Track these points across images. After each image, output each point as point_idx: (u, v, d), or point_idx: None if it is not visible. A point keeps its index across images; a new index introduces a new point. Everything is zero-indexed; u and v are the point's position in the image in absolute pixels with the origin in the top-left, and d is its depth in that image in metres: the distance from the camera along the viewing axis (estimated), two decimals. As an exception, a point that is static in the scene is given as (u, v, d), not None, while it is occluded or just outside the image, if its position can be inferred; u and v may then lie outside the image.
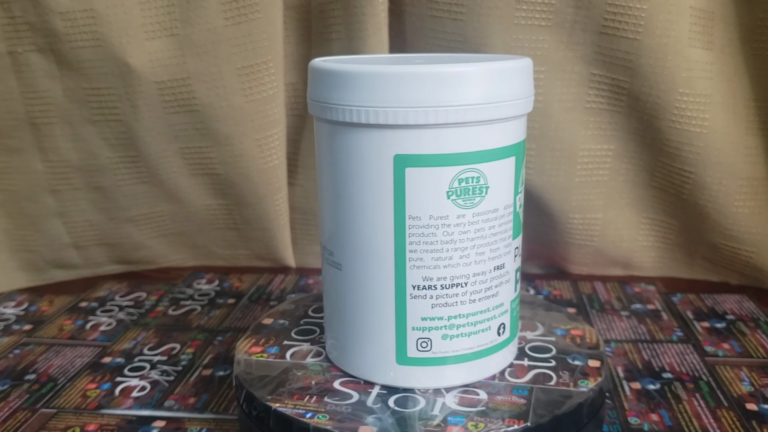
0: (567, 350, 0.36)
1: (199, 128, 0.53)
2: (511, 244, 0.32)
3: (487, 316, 0.32)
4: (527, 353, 0.35)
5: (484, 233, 0.31)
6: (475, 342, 0.32)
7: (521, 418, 0.30)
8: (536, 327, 0.38)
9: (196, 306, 0.52)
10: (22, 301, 0.54)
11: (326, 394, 0.32)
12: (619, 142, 0.52)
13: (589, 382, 0.32)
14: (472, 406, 0.31)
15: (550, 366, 0.34)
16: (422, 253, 0.30)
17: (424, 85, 0.28)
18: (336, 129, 0.31)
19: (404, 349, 0.32)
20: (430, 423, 0.30)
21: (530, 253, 0.58)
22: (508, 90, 0.30)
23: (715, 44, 0.48)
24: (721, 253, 0.53)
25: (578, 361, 0.34)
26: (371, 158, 0.30)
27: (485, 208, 0.31)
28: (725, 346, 0.45)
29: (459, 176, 0.30)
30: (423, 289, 0.31)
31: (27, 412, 0.39)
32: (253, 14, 0.49)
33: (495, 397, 0.32)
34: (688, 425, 0.36)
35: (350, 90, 0.29)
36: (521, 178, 0.33)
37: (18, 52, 0.50)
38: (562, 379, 0.33)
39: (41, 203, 0.55)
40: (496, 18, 0.49)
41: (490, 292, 0.32)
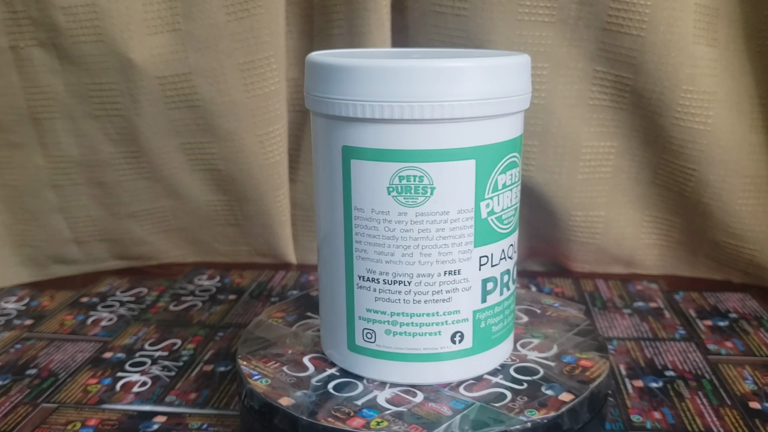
0: (552, 378, 0.33)
1: (201, 124, 0.53)
2: (473, 252, 0.31)
3: (436, 320, 0.32)
4: (512, 373, 0.33)
5: (430, 234, 0.30)
6: (420, 344, 0.32)
7: (429, 428, 0.29)
8: (551, 348, 0.36)
9: (197, 302, 0.52)
10: (24, 296, 0.54)
11: (290, 364, 0.35)
12: (622, 139, 0.52)
13: (536, 413, 0.30)
14: (396, 405, 0.31)
15: (517, 388, 0.32)
16: (366, 245, 0.31)
17: (370, 80, 0.29)
18: (311, 117, 0.33)
19: (353, 337, 0.33)
20: (343, 410, 0.30)
21: (532, 250, 0.58)
22: (462, 90, 0.28)
23: (719, 41, 0.48)
24: (724, 251, 0.53)
25: (551, 392, 0.32)
26: (327, 148, 0.31)
27: (431, 209, 0.30)
28: (728, 344, 0.44)
29: (399, 173, 0.30)
30: (367, 281, 0.32)
31: (28, 407, 0.39)
32: (255, 9, 0.49)
33: (427, 403, 0.31)
34: (691, 423, 0.36)
35: (312, 81, 0.31)
36: (493, 183, 0.31)
37: (20, 47, 0.50)
38: (513, 403, 0.31)
39: (42, 198, 0.55)
40: (499, 14, 0.48)
41: (440, 296, 0.31)
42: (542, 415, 0.30)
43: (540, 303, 0.41)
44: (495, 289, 0.32)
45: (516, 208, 0.33)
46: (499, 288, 0.33)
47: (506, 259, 0.33)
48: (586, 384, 0.32)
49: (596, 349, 0.36)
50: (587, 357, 0.35)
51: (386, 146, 0.29)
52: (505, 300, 0.34)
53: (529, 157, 0.53)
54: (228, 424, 0.37)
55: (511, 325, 0.35)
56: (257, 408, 0.32)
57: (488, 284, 0.32)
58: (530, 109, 0.51)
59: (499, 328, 0.33)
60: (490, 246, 0.31)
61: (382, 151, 0.29)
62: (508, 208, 0.32)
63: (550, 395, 0.31)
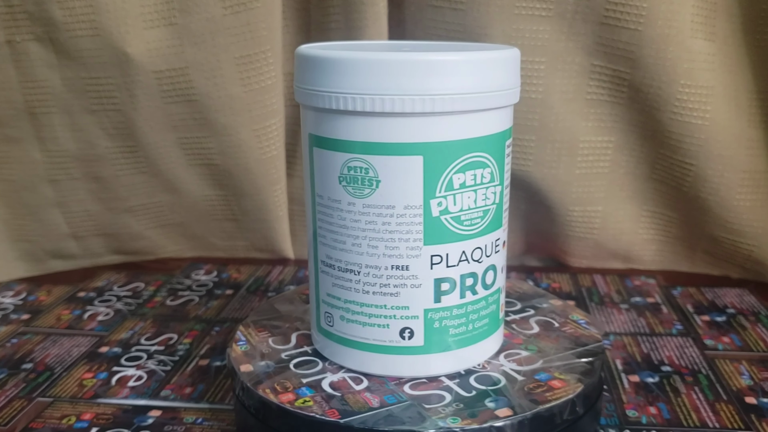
0: (505, 392, 0.32)
1: (197, 118, 0.52)
2: (422, 249, 0.31)
3: (384, 312, 0.32)
4: (471, 380, 0.33)
5: (377, 227, 0.31)
6: (369, 334, 0.32)
7: (344, 416, 0.30)
8: (534, 362, 0.34)
9: (193, 297, 0.52)
10: (21, 291, 0.54)
11: (278, 337, 0.37)
12: (619, 134, 0.52)
13: (459, 421, 0.29)
14: (335, 389, 0.32)
15: (462, 395, 0.31)
16: (325, 231, 0.32)
17: (324, 71, 0.29)
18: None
19: (319, 319, 0.35)
20: (285, 384, 0.32)
21: (530, 245, 0.58)
22: (409, 85, 0.28)
23: (717, 35, 0.48)
24: (722, 247, 0.53)
25: (492, 405, 0.30)
26: (302, 136, 0.33)
27: (377, 202, 0.30)
28: (725, 339, 0.44)
29: (348, 164, 0.30)
30: (326, 267, 0.33)
31: (23, 401, 0.39)
32: (251, 3, 0.49)
33: (363, 392, 0.32)
34: (687, 419, 0.36)
35: (295, 71, 0.32)
36: (447, 182, 0.30)
37: (16, 41, 0.50)
38: (446, 408, 0.30)
39: (40, 193, 0.55)
40: (496, 8, 0.48)
41: (387, 289, 0.32)
42: (463, 425, 0.29)
43: (566, 317, 0.39)
44: (452, 291, 0.32)
45: (488, 210, 0.32)
46: (460, 290, 0.32)
47: (470, 262, 0.32)
48: (536, 404, 0.30)
49: (582, 372, 0.33)
50: (563, 378, 0.33)
51: (338, 136, 0.30)
52: (471, 304, 0.33)
53: (526, 152, 0.53)
54: (222, 419, 0.37)
55: (488, 331, 0.34)
56: (227, 371, 0.35)
57: (443, 285, 0.32)
58: (527, 104, 0.51)
59: (460, 331, 0.33)
60: (444, 246, 0.31)
61: (334, 140, 0.30)
62: (470, 209, 0.31)
63: (487, 408, 0.30)
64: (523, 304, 0.41)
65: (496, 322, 0.35)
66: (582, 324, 0.38)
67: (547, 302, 0.41)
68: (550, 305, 0.41)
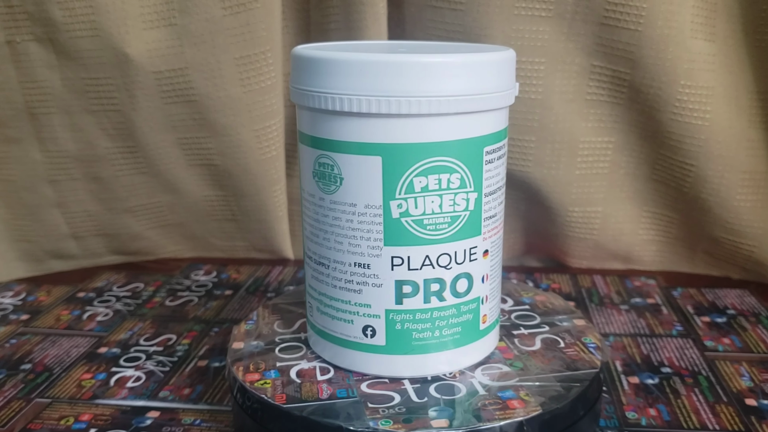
0: (454, 404, 0.31)
1: (197, 119, 0.52)
2: (383, 250, 0.31)
3: (348, 308, 0.33)
4: (431, 388, 0.32)
5: (341, 224, 0.32)
6: (337, 328, 0.33)
7: (289, 402, 0.31)
8: (508, 379, 0.33)
9: (193, 297, 0.52)
10: (20, 291, 0.54)
11: (284, 321, 0.39)
12: (619, 134, 0.52)
13: (390, 425, 0.29)
14: (299, 376, 0.34)
15: (412, 400, 0.31)
16: (306, 224, 0.34)
17: (303, 70, 0.31)
18: None
19: (307, 309, 0.36)
20: (259, 365, 0.34)
21: (529, 246, 0.58)
22: (369, 85, 0.29)
23: (717, 36, 0.48)
24: (722, 248, 0.53)
25: (433, 414, 0.30)
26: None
27: (341, 199, 0.31)
28: (725, 341, 0.44)
29: (318, 160, 0.31)
30: (308, 258, 0.34)
31: (22, 402, 0.39)
32: (251, 4, 0.49)
33: (320, 383, 0.33)
34: (687, 420, 0.36)
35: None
36: (407, 184, 0.30)
37: (16, 42, 0.50)
38: (386, 410, 0.30)
39: (40, 193, 0.55)
40: (496, 8, 0.48)
41: (351, 286, 0.32)
42: (392, 428, 0.29)
43: (578, 339, 0.37)
44: (415, 294, 0.32)
45: (458, 216, 0.31)
46: (424, 295, 0.32)
47: (435, 267, 0.32)
48: (477, 420, 0.29)
49: (550, 397, 0.31)
50: (526, 399, 0.31)
51: (311, 133, 0.31)
52: (437, 310, 0.32)
53: (526, 152, 0.53)
54: (221, 420, 0.37)
55: (460, 341, 0.33)
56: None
57: (404, 287, 0.32)
58: (527, 105, 0.51)
59: (424, 336, 0.32)
60: (406, 248, 0.31)
61: (309, 137, 0.32)
62: (434, 213, 0.31)
63: (426, 416, 0.30)
64: (542, 320, 0.39)
65: (473, 333, 0.33)
66: (590, 348, 0.36)
67: (569, 321, 0.39)
68: (570, 324, 0.39)
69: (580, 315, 0.40)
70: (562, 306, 0.41)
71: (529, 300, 0.42)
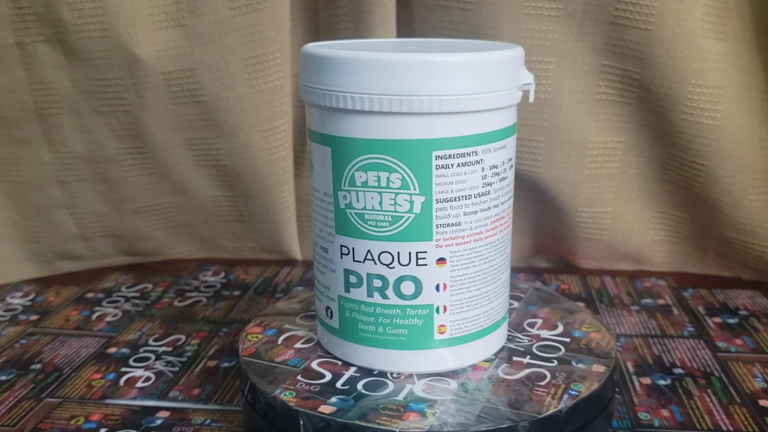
0: (360, 398, 0.31)
1: (206, 119, 0.52)
2: (335, 239, 0.32)
3: (318, 287, 0.35)
4: (359, 382, 0.33)
5: (315, 207, 0.34)
6: (319, 308, 0.36)
7: (254, 355, 0.35)
8: (437, 394, 0.32)
9: (201, 298, 0.52)
10: (29, 292, 0.54)
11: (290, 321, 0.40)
12: (629, 134, 0.52)
13: (278, 389, 0.31)
14: (286, 340, 0.37)
15: (323, 382, 0.32)
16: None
17: (302, 65, 0.32)
18: None
19: None
20: (268, 323, 0.38)
21: (538, 246, 0.58)
22: (322, 78, 0.31)
23: (728, 35, 0.48)
24: (733, 248, 0.53)
25: (332, 399, 0.31)
26: None
27: (313, 184, 0.33)
28: (738, 341, 0.44)
29: (308, 146, 0.34)
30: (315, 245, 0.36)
31: (32, 402, 0.39)
32: (259, 4, 0.49)
33: (289, 349, 0.35)
34: (700, 421, 0.36)
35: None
36: (350, 177, 0.31)
37: (26, 43, 0.50)
38: (288, 386, 0.32)
39: (49, 194, 0.55)
40: (505, 7, 0.48)
41: (319, 267, 0.34)
42: (286, 398, 0.31)
43: (566, 381, 0.33)
44: (360, 286, 0.32)
45: (400, 217, 0.31)
46: (367, 289, 0.32)
47: (377, 263, 0.32)
48: (360, 420, 0.29)
49: (517, 402, 0.30)
50: (427, 416, 0.30)
51: (307, 123, 0.34)
52: (381, 306, 0.32)
53: (535, 152, 0.52)
54: (231, 420, 0.36)
55: (406, 344, 0.33)
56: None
57: (351, 277, 0.33)
58: (536, 104, 0.51)
59: (369, 329, 0.33)
60: (351, 239, 0.32)
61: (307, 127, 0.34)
62: (375, 210, 0.31)
63: (324, 400, 0.31)
64: (564, 355, 0.35)
65: (424, 341, 0.33)
66: (573, 392, 0.32)
67: (588, 364, 0.34)
68: (584, 367, 0.34)
69: (606, 363, 0.34)
70: (603, 349, 0.35)
71: (579, 334, 0.37)
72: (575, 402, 0.31)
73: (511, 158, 0.33)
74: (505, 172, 0.33)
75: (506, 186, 0.33)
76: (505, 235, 0.34)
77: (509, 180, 0.33)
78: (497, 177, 0.32)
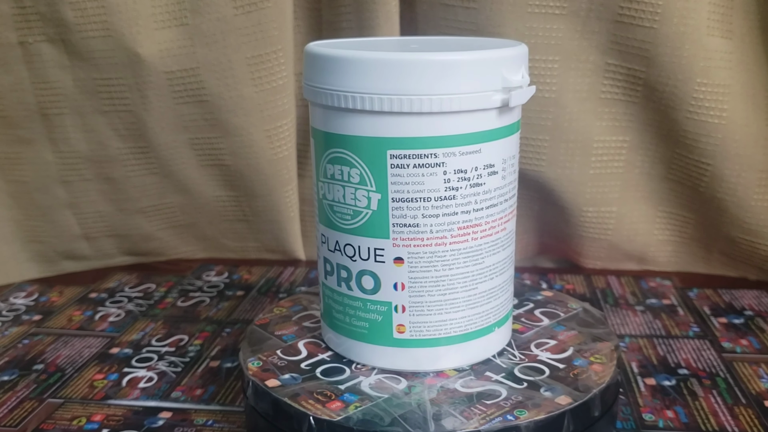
0: (300, 380, 0.32)
1: (209, 119, 0.52)
2: (318, 226, 0.34)
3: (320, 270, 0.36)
4: (321, 367, 0.34)
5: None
6: None
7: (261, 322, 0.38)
8: (383, 391, 0.32)
9: (204, 298, 0.52)
10: (33, 292, 0.54)
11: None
12: (634, 133, 0.51)
13: (250, 360, 0.34)
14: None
15: (292, 361, 0.35)
16: None
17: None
18: None
19: None
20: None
21: (543, 246, 0.58)
22: (309, 74, 0.32)
23: (734, 33, 0.47)
24: (739, 248, 0.52)
25: (283, 376, 0.33)
26: None
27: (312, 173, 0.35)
28: (743, 342, 0.43)
29: None
30: None
31: (34, 402, 0.39)
32: (262, 3, 0.49)
33: (294, 324, 0.38)
34: (705, 422, 0.35)
35: None
36: (323, 168, 0.32)
37: (29, 43, 0.50)
38: (261, 356, 0.34)
39: (52, 194, 0.55)
40: (509, 6, 0.48)
41: (318, 252, 0.36)
42: (251, 368, 0.33)
43: (529, 406, 0.31)
44: (332, 275, 0.34)
45: (359, 212, 0.31)
46: (337, 278, 0.34)
47: (342, 254, 0.33)
48: (272, 406, 0.31)
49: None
50: (331, 397, 0.31)
51: None
52: (347, 297, 0.33)
53: (539, 151, 0.52)
54: (233, 421, 0.36)
55: (367, 336, 0.33)
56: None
57: (327, 265, 0.34)
58: (540, 103, 0.51)
59: (339, 317, 0.34)
60: (327, 229, 0.33)
61: None
62: (340, 203, 0.32)
63: (276, 376, 0.33)
64: (532, 378, 0.33)
65: (383, 337, 0.33)
66: (510, 417, 0.30)
67: (552, 392, 0.31)
68: (544, 395, 0.31)
69: (575, 396, 0.31)
70: (586, 382, 0.32)
71: (580, 363, 0.34)
72: (503, 427, 0.29)
73: (492, 165, 0.31)
74: (480, 178, 0.31)
75: (483, 193, 0.31)
76: (482, 244, 0.32)
77: (489, 188, 0.32)
78: (466, 182, 0.31)
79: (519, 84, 0.30)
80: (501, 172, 0.32)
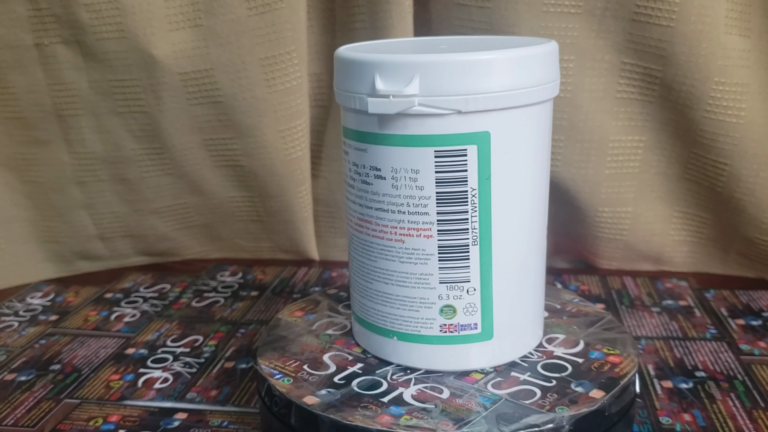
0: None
1: (223, 120, 0.52)
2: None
3: None
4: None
5: None
6: None
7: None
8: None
9: (219, 298, 0.52)
10: (49, 292, 0.55)
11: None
12: (650, 133, 0.51)
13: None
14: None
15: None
16: None
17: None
18: None
19: None
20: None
21: (558, 246, 0.57)
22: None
23: (753, 31, 0.47)
24: (757, 248, 0.52)
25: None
26: None
27: None
28: (761, 344, 0.43)
29: None
30: None
31: (51, 402, 0.39)
32: (276, 4, 0.49)
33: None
34: (723, 426, 0.35)
35: None
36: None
37: (44, 44, 0.50)
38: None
39: (68, 195, 0.55)
40: (524, 5, 0.47)
41: None
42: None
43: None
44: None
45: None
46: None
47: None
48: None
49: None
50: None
51: None
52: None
53: (555, 151, 0.52)
54: (248, 422, 0.36)
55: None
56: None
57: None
58: (555, 103, 0.50)
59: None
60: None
61: None
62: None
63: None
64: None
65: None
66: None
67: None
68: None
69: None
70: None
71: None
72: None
73: (378, 168, 0.31)
74: (368, 177, 0.31)
75: (372, 194, 0.31)
76: (381, 243, 0.32)
77: (378, 190, 0.31)
78: (359, 177, 0.32)
79: (413, 92, 0.29)
80: (390, 180, 0.31)
